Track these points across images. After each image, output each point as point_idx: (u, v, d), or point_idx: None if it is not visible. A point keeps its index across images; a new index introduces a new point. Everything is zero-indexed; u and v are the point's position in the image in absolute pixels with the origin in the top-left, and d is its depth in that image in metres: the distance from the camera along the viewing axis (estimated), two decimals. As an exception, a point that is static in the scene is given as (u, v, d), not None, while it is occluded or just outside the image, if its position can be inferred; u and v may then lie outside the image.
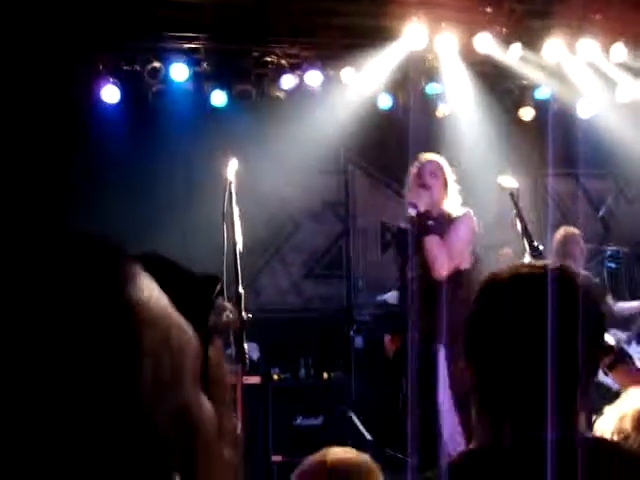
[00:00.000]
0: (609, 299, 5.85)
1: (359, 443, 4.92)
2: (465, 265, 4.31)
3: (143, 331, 0.60)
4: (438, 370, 4.01)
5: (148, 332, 0.60)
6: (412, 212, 4.30)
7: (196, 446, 0.64)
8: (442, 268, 4.19)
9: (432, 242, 4.22)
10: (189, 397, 0.64)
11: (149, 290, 0.62)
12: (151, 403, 0.59)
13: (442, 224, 4.30)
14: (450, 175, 4.49)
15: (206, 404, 0.67)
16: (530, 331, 1.35)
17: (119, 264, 0.62)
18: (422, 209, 4.29)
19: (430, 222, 4.28)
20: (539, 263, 1.51)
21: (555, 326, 1.31)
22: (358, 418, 5.57)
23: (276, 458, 5.31)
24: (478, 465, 1.30)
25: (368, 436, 5.46)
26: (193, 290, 0.72)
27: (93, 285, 0.59)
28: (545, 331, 1.32)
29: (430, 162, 4.54)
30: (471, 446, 1.41)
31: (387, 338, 4.82)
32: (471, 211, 4.40)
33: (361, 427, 5.48)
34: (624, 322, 5.65)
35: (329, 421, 5.63)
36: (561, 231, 5.84)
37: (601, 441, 1.25)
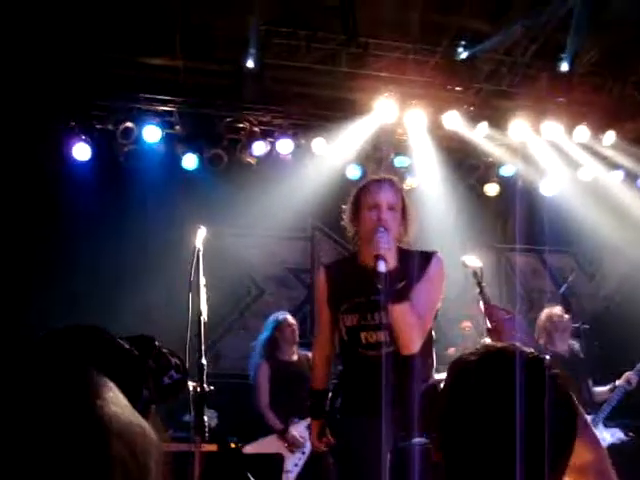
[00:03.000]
0: (590, 383, 5.78)
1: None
2: (430, 324, 3.35)
3: (112, 442, 0.63)
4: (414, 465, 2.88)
5: (117, 443, 0.64)
6: (382, 268, 3.13)
7: None
8: (414, 343, 3.18)
9: (404, 312, 3.15)
10: None
11: (116, 402, 0.67)
12: None
13: (409, 279, 3.24)
14: (408, 199, 3.46)
15: None
16: (501, 416, 1.37)
17: (87, 378, 0.67)
18: (392, 264, 3.18)
19: (401, 285, 3.20)
20: (506, 344, 1.52)
21: (525, 411, 1.32)
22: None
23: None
24: None
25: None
26: (126, 363, 0.74)
27: (64, 403, 0.64)
28: (516, 416, 1.34)
29: (386, 189, 3.37)
30: None
31: (315, 431, 3.57)
32: (439, 253, 3.39)
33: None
34: (599, 405, 5.64)
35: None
36: (553, 310, 5.87)
37: None
